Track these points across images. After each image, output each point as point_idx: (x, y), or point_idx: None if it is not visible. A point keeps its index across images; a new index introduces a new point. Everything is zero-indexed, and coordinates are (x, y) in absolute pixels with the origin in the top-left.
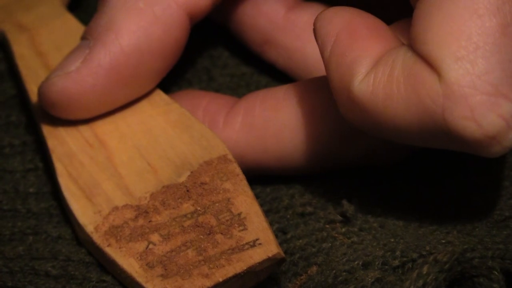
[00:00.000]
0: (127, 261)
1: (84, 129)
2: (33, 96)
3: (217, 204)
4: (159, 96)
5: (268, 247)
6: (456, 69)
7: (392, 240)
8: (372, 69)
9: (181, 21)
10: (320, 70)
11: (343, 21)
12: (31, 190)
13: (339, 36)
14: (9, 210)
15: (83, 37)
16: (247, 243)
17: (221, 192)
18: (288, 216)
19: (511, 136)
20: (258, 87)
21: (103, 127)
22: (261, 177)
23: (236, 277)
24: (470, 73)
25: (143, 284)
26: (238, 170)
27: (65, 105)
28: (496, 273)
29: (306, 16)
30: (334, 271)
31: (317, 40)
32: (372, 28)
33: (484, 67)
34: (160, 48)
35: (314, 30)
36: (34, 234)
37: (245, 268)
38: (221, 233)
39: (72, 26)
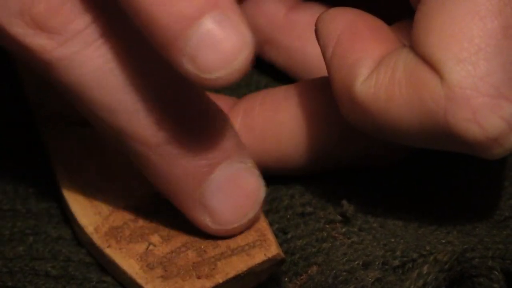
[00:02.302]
0: (127, 262)
1: (85, 130)
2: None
3: None
4: None
5: (268, 248)
6: (458, 71)
7: (392, 240)
8: (374, 70)
9: None
10: (321, 70)
11: (345, 22)
12: (31, 190)
13: (341, 37)
14: (9, 210)
15: None
16: (247, 244)
17: None
18: (288, 216)
19: None
20: (258, 87)
21: None
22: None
23: (237, 278)
24: (472, 75)
25: (143, 285)
26: None
27: None
28: (496, 273)
29: (307, 16)
30: (334, 271)
31: (318, 41)
32: (374, 29)
33: (486, 69)
34: None
35: (316, 31)
36: (34, 234)
37: (245, 269)
38: None
39: None
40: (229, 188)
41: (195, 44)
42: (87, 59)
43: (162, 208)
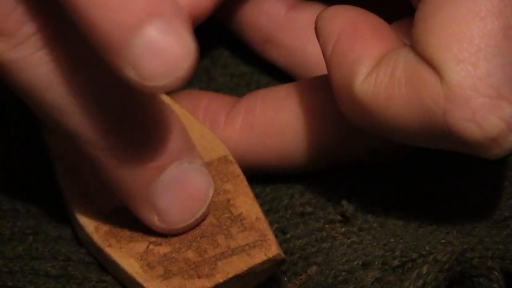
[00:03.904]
0: (127, 261)
1: None
2: None
3: (217, 205)
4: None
5: (268, 248)
6: (457, 71)
7: (392, 240)
8: (373, 69)
9: None
10: (321, 69)
11: (345, 20)
12: (31, 190)
13: (341, 35)
14: (9, 210)
15: None
16: (247, 244)
17: (221, 193)
18: (288, 216)
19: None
20: (258, 87)
21: None
22: (261, 176)
23: (237, 277)
24: (471, 76)
25: (144, 284)
26: (238, 171)
27: None
28: (496, 273)
29: (307, 15)
30: (333, 271)
31: (318, 39)
32: (374, 28)
33: (486, 69)
34: None
35: (316, 29)
36: (34, 234)
37: (245, 269)
38: (222, 234)
39: None
40: (177, 189)
41: (137, 52)
42: (37, 63)
43: None
